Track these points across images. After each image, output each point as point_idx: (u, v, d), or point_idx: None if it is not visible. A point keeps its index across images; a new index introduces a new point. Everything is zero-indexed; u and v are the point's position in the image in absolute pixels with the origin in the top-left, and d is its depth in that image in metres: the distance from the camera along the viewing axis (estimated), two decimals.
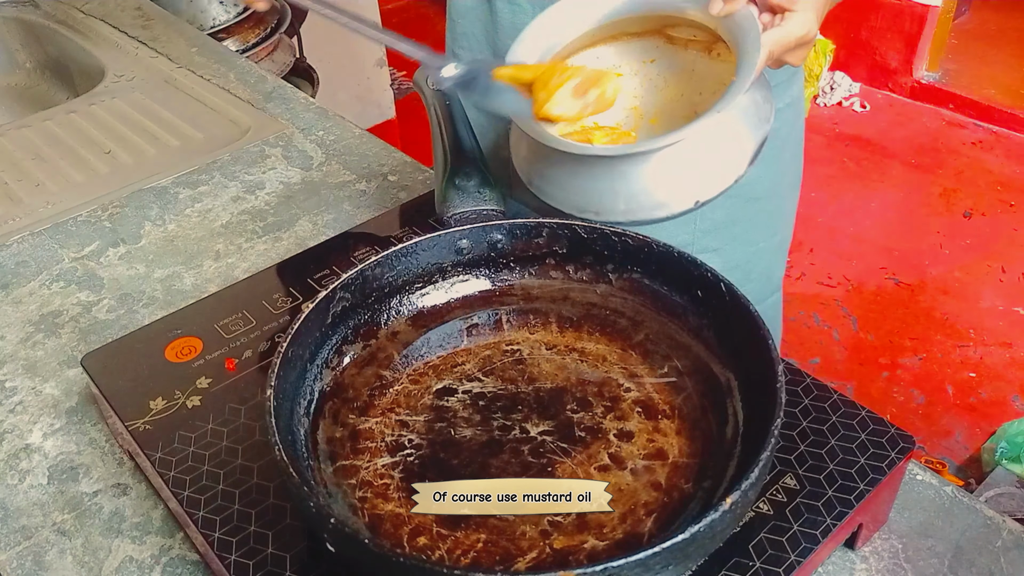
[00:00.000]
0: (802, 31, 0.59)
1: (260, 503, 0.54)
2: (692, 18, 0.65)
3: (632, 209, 0.62)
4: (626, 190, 0.61)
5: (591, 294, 0.66)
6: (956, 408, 1.95)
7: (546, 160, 0.64)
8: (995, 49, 3.19)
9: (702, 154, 0.60)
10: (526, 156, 0.68)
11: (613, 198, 0.62)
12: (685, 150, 0.60)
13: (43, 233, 0.94)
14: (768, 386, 0.51)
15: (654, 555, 0.42)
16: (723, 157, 0.61)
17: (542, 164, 0.65)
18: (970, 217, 2.53)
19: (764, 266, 0.95)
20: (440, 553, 0.49)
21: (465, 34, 0.87)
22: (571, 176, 0.63)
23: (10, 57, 1.51)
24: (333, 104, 1.24)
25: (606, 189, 0.62)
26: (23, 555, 0.61)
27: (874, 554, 0.57)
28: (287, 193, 0.99)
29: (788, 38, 0.59)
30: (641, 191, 0.61)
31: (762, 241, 0.92)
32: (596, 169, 0.62)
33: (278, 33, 1.80)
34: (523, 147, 0.68)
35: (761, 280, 0.96)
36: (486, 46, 0.86)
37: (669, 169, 0.60)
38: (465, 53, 0.88)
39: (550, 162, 0.64)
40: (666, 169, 0.60)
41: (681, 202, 0.61)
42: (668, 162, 0.60)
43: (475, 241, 0.67)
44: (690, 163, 0.60)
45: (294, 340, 0.56)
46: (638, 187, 0.61)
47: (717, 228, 0.88)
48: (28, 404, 0.73)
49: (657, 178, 0.61)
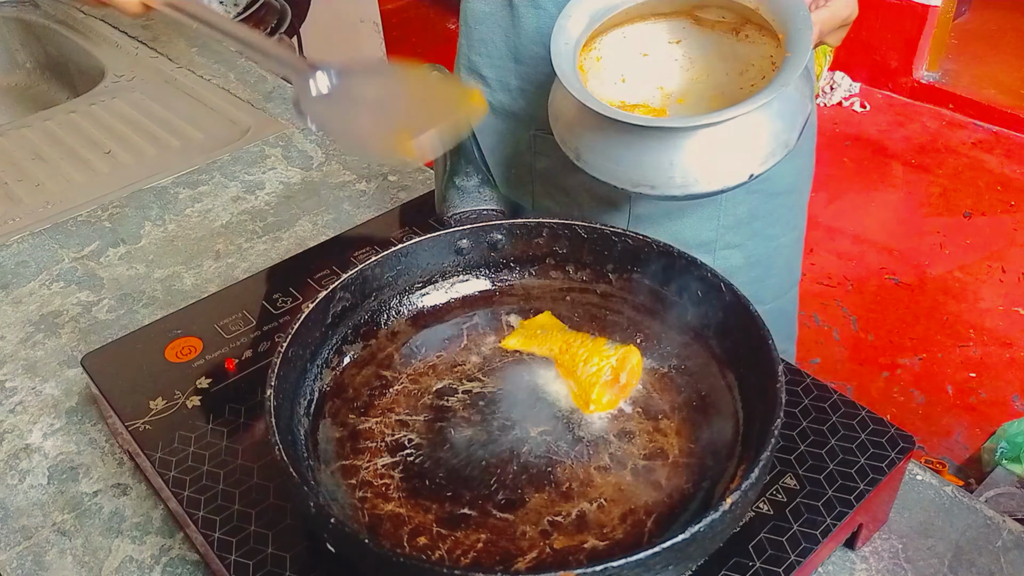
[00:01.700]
0: (846, 12, 0.64)
1: (260, 503, 0.54)
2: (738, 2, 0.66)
3: (688, 183, 0.62)
4: (683, 164, 0.61)
5: (591, 294, 0.66)
6: (956, 408, 1.95)
7: (598, 133, 0.64)
8: (995, 49, 3.19)
9: (758, 127, 0.61)
10: (574, 129, 0.67)
11: (670, 172, 0.62)
12: (742, 123, 0.60)
13: (43, 233, 0.94)
14: (768, 386, 0.51)
15: (654, 555, 0.42)
16: (776, 130, 0.62)
17: (593, 137, 0.65)
18: (970, 217, 2.53)
19: (784, 260, 0.95)
20: (440, 553, 0.49)
21: (483, 40, 0.86)
22: (625, 149, 0.63)
23: (10, 57, 1.51)
24: None
25: (663, 162, 0.62)
26: (23, 555, 0.61)
27: (874, 554, 0.57)
28: (287, 193, 0.99)
29: (834, 18, 0.64)
30: (698, 165, 0.61)
31: (783, 236, 0.92)
32: (653, 142, 0.62)
33: (278, 33, 1.80)
34: (570, 119, 0.68)
35: (782, 274, 0.96)
36: (506, 52, 0.85)
37: (727, 142, 0.61)
38: (483, 59, 0.87)
39: (603, 135, 0.64)
40: (724, 142, 0.61)
41: (736, 175, 0.62)
42: (726, 135, 0.61)
43: (475, 241, 0.67)
44: (747, 136, 0.61)
45: (294, 340, 0.56)
46: (695, 160, 0.61)
47: (739, 224, 0.88)
48: (28, 404, 0.73)
49: (715, 151, 0.61)
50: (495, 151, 0.92)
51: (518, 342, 0.63)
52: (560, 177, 0.89)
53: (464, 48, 0.89)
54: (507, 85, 0.87)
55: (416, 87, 0.62)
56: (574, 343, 0.61)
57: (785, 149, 0.62)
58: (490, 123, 0.91)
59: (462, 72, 0.91)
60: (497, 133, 0.91)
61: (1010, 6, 3.40)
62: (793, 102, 0.63)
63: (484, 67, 0.88)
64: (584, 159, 0.66)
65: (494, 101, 0.89)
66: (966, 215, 2.53)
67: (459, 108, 0.61)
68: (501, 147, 0.92)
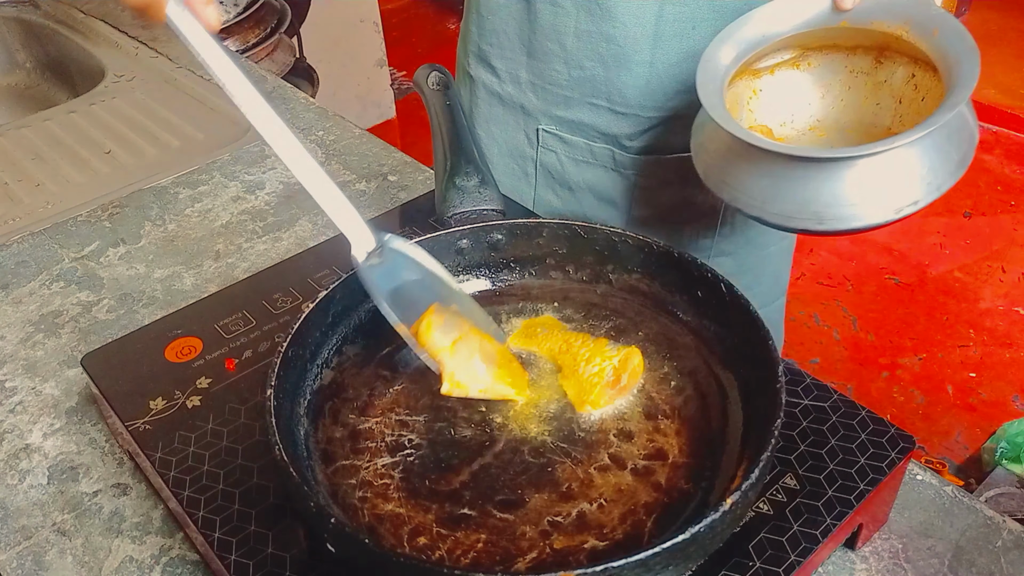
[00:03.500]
0: None
1: (260, 503, 0.54)
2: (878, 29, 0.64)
3: (859, 215, 0.59)
4: (854, 195, 0.59)
5: (591, 294, 0.66)
6: (956, 408, 1.95)
7: (753, 168, 0.62)
8: (995, 49, 3.19)
9: (933, 151, 0.59)
10: (721, 165, 0.65)
11: (834, 205, 0.59)
12: (916, 149, 0.58)
13: (43, 233, 0.94)
14: (769, 386, 0.51)
15: (654, 555, 0.42)
16: (949, 153, 0.59)
17: (745, 172, 0.62)
18: (970, 217, 2.53)
19: (773, 269, 0.95)
20: (440, 553, 0.49)
21: (495, 31, 0.86)
22: (781, 182, 0.60)
23: (10, 57, 1.51)
24: (333, 104, 1.24)
25: (823, 195, 0.59)
26: (23, 555, 0.61)
27: (874, 554, 0.57)
28: (287, 193, 0.99)
29: None
30: (869, 195, 0.59)
31: (772, 245, 0.92)
32: (814, 173, 0.59)
33: (278, 33, 1.80)
34: (717, 153, 0.66)
35: (769, 283, 0.96)
36: (519, 45, 0.85)
37: (902, 169, 0.58)
38: (493, 50, 0.87)
39: (757, 170, 0.61)
40: (899, 169, 0.58)
41: (911, 203, 0.59)
42: (902, 162, 0.58)
43: (475, 241, 0.67)
44: (919, 162, 0.58)
45: (294, 340, 0.56)
46: (867, 191, 0.59)
47: (734, 232, 0.88)
48: (28, 404, 0.73)
49: (889, 179, 0.58)
50: (498, 141, 0.92)
51: (519, 342, 0.63)
52: (564, 173, 0.89)
53: (474, 35, 0.89)
54: (517, 78, 0.87)
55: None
56: (575, 343, 0.61)
57: (961, 170, 0.59)
58: (497, 114, 0.91)
59: (470, 59, 0.90)
60: (503, 125, 0.91)
61: (1010, 6, 3.40)
62: (964, 122, 0.60)
63: (494, 57, 0.88)
64: (731, 194, 0.64)
65: (502, 92, 0.89)
66: (966, 215, 2.53)
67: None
68: (505, 138, 0.92)
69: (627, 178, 0.86)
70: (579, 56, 0.81)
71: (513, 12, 0.83)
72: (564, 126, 0.87)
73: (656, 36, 0.77)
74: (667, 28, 0.77)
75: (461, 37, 0.94)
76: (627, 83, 0.80)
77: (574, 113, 0.85)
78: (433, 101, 0.77)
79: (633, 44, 0.78)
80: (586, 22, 0.79)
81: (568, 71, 0.82)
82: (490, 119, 0.92)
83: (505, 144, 0.92)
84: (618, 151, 0.85)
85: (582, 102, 0.84)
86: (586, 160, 0.87)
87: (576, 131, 0.86)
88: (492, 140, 0.93)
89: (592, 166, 0.87)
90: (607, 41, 0.78)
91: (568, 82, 0.83)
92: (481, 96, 0.92)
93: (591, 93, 0.83)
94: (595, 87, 0.82)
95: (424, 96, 0.78)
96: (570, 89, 0.84)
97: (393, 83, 3.02)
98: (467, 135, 0.74)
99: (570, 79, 0.83)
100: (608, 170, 0.87)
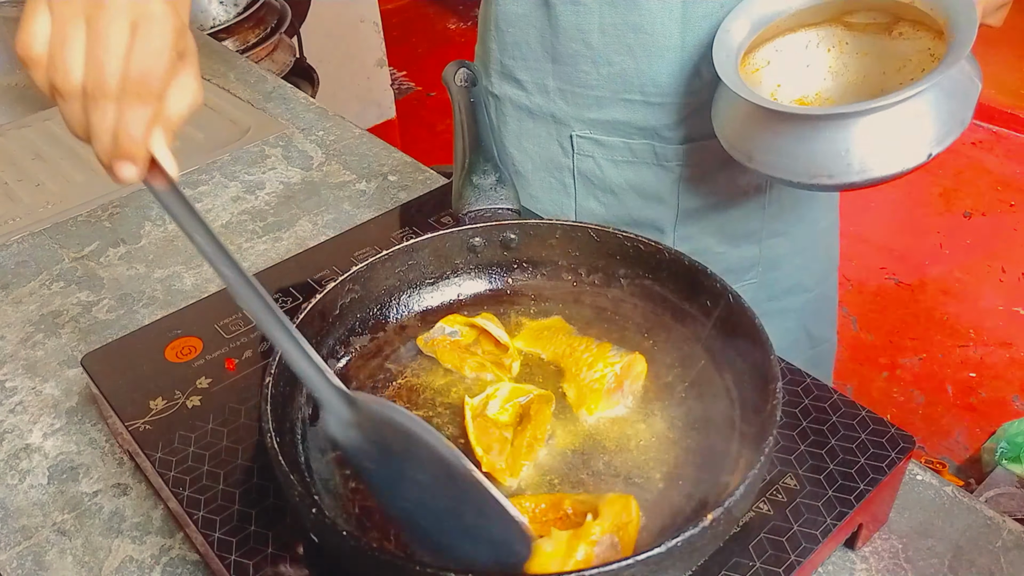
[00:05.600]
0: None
1: (260, 503, 0.54)
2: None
3: (866, 168, 0.63)
4: (858, 149, 0.63)
5: (602, 298, 0.66)
6: (956, 408, 1.95)
7: (770, 131, 0.66)
8: (995, 49, 3.19)
9: (933, 106, 0.62)
10: (744, 132, 0.69)
11: (847, 159, 0.63)
12: (917, 104, 0.62)
13: (43, 233, 0.94)
14: (768, 386, 0.51)
15: (654, 556, 0.42)
16: (952, 108, 0.63)
17: (764, 136, 0.67)
18: (970, 217, 2.52)
19: (825, 244, 0.96)
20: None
21: (516, 43, 0.84)
22: (799, 142, 0.64)
23: (10, 57, 1.51)
24: (333, 104, 1.24)
25: (838, 150, 0.63)
26: (23, 555, 0.61)
27: (874, 554, 0.57)
28: (287, 193, 0.99)
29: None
30: (874, 148, 0.63)
31: (823, 220, 0.93)
32: (827, 131, 0.63)
33: (278, 33, 1.81)
34: (739, 123, 0.70)
35: (824, 260, 0.97)
36: (542, 53, 0.83)
37: (902, 124, 0.62)
38: (517, 63, 0.85)
39: (775, 132, 0.66)
40: (899, 124, 0.62)
41: (915, 156, 0.63)
42: (901, 117, 0.62)
43: (488, 239, 0.67)
44: (922, 116, 0.62)
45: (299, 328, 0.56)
46: (871, 145, 0.62)
47: (784, 212, 0.87)
48: (28, 404, 0.73)
49: (891, 134, 0.62)
50: (532, 156, 0.90)
51: (523, 342, 0.63)
52: (604, 177, 0.87)
53: (495, 52, 0.87)
54: (544, 87, 0.85)
55: None
56: (579, 347, 0.61)
57: (962, 127, 0.63)
58: (527, 128, 0.89)
59: (492, 77, 0.89)
60: (535, 138, 0.89)
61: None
62: (965, 79, 0.64)
63: (518, 70, 0.86)
64: (757, 159, 0.68)
65: (530, 104, 0.87)
66: (966, 215, 2.53)
67: None
68: (538, 151, 0.90)
69: (671, 170, 0.84)
70: (607, 52, 0.79)
71: (533, 20, 0.82)
72: (598, 128, 0.85)
73: (684, 19, 0.76)
74: (695, 9, 0.75)
75: (478, 59, 0.92)
76: (660, 71, 0.79)
77: (607, 113, 0.83)
78: (458, 98, 0.76)
79: (662, 30, 0.76)
80: (610, 15, 0.77)
81: (596, 70, 0.81)
82: (521, 134, 0.90)
83: (539, 158, 0.90)
84: (658, 144, 0.83)
85: (615, 100, 0.82)
86: (626, 159, 0.85)
87: (612, 131, 0.84)
88: (525, 156, 0.91)
89: (633, 164, 0.85)
90: (635, 31, 0.77)
91: (598, 81, 0.81)
92: (509, 113, 0.89)
93: (623, 88, 0.81)
94: (627, 81, 0.80)
95: (450, 92, 0.77)
96: (601, 88, 0.82)
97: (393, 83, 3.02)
98: (488, 133, 0.73)
99: (600, 78, 0.81)
100: (650, 165, 0.85)
